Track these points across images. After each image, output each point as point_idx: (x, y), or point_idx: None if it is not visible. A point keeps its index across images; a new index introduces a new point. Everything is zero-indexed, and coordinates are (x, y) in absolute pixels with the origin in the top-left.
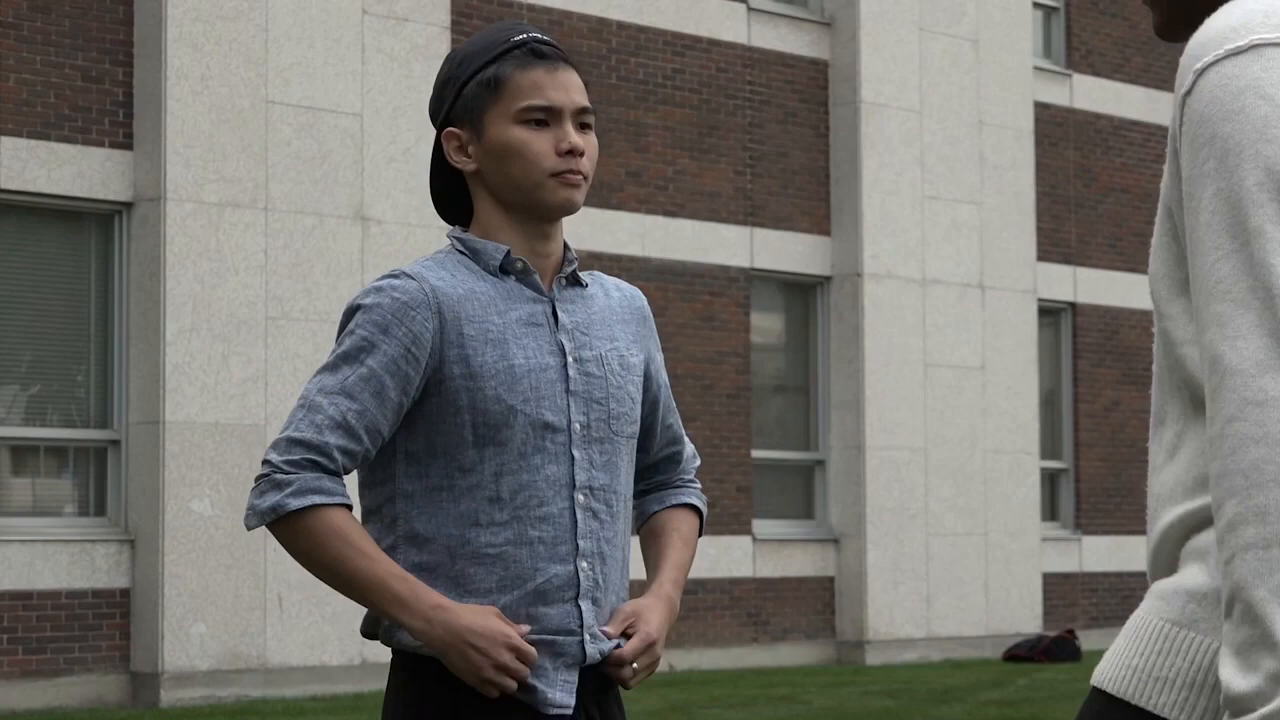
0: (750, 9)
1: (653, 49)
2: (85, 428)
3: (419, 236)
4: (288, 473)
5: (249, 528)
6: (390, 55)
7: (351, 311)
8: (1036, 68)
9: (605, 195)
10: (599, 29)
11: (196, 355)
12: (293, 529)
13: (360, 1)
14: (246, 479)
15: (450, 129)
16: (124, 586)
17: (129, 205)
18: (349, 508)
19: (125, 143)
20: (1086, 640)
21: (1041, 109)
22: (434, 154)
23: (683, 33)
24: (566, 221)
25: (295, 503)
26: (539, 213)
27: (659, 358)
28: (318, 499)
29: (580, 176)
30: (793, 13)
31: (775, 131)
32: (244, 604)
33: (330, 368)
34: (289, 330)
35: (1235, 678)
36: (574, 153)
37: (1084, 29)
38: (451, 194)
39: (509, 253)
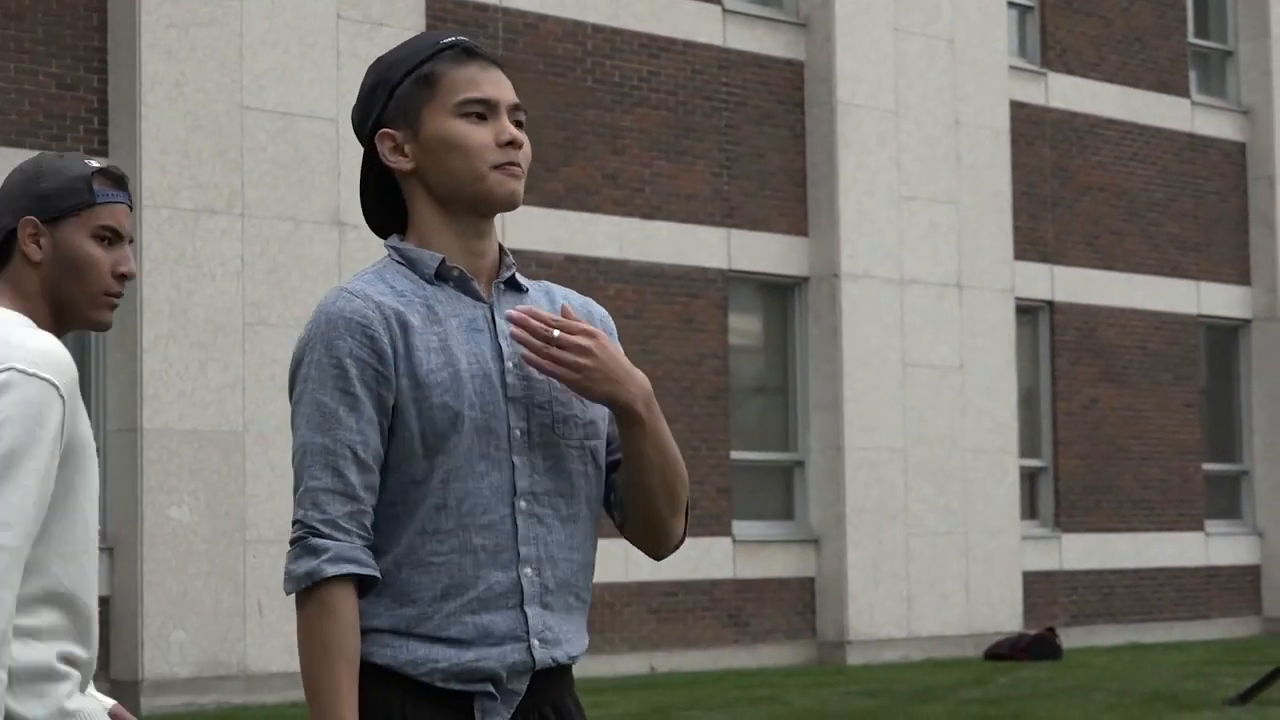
0: (725, 10)
1: (628, 51)
2: None
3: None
4: (325, 535)
5: (287, 593)
6: (365, 60)
7: (307, 343)
8: (1012, 67)
9: (582, 198)
10: (574, 32)
11: (174, 362)
12: (319, 601)
13: (335, 6)
14: (224, 485)
15: (384, 130)
16: (103, 594)
17: None
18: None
19: (100, 150)
20: (1067, 638)
21: (1017, 108)
22: (364, 165)
23: (658, 35)
24: (543, 224)
25: (331, 569)
26: (480, 207)
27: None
28: (352, 568)
29: (519, 168)
30: (768, 14)
31: (751, 133)
32: (224, 610)
33: (312, 404)
34: (266, 336)
35: None
36: (514, 144)
37: (1059, 28)
38: (387, 203)
39: (444, 260)
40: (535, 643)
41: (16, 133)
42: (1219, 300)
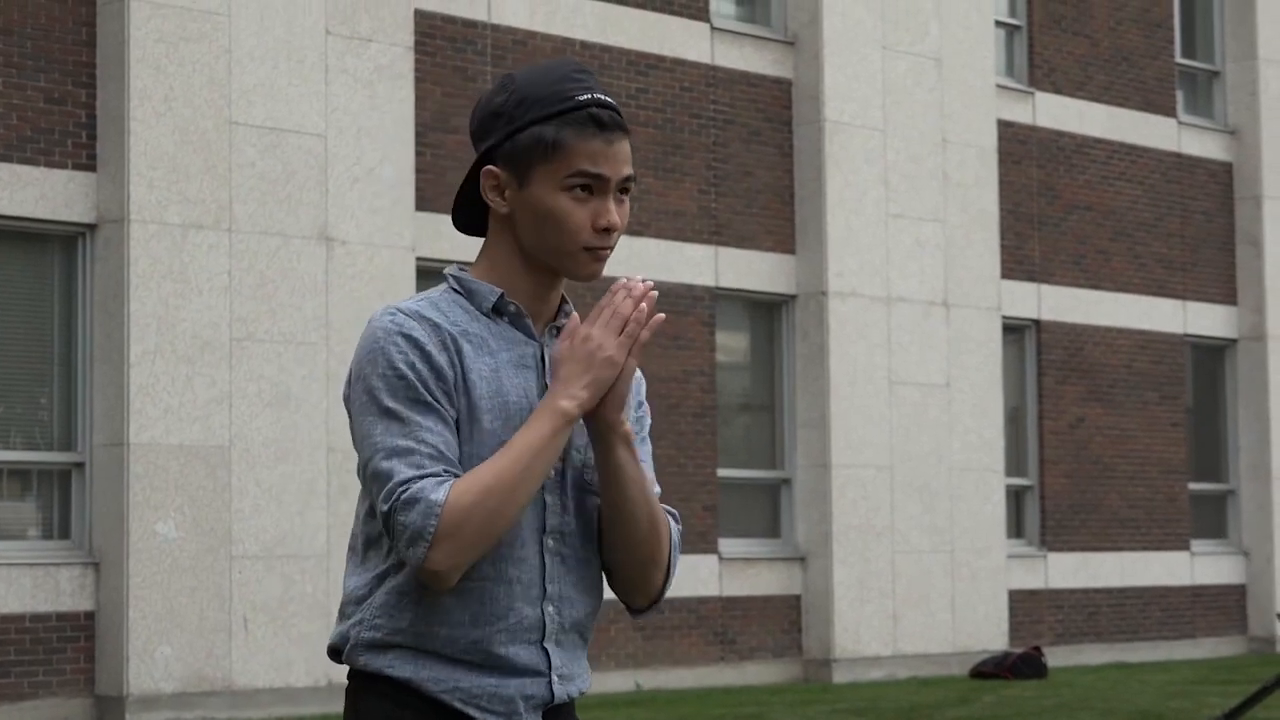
0: (714, 28)
1: (616, 69)
2: (49, 450)
3: (383, 257)
4: (412, 481)
5: (419, 562)
6: (354, 76)
7: (366, 358)
8: (999, 86)
9: None
10: (563, 49)
11: (161, 377)
12: (454, 520)
13: (323, 22)
14: (211, 501)
15: (491, 168)
16: (88, 609)
17: (92, 227)
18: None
19: (89, 164)
20: (1053, 657)
21: (1004, 127)
22: (469, 174)
23: (646, 52)
24: None
25: (439, 495)
26: (559, 276)
27: (645, 421)
28: (447, 480)
29: (609, 252)
30: (756, 32)
31: (739, 150)
32: (209, 626)
33: (383, 413)
34: (253, 351)
35: None
36: (610, 229)
37: (1046, 47)
38: (474, 215)
39: (503, 295)
40: (555, 679)
41: (4, 147)
42: (1205, 320)
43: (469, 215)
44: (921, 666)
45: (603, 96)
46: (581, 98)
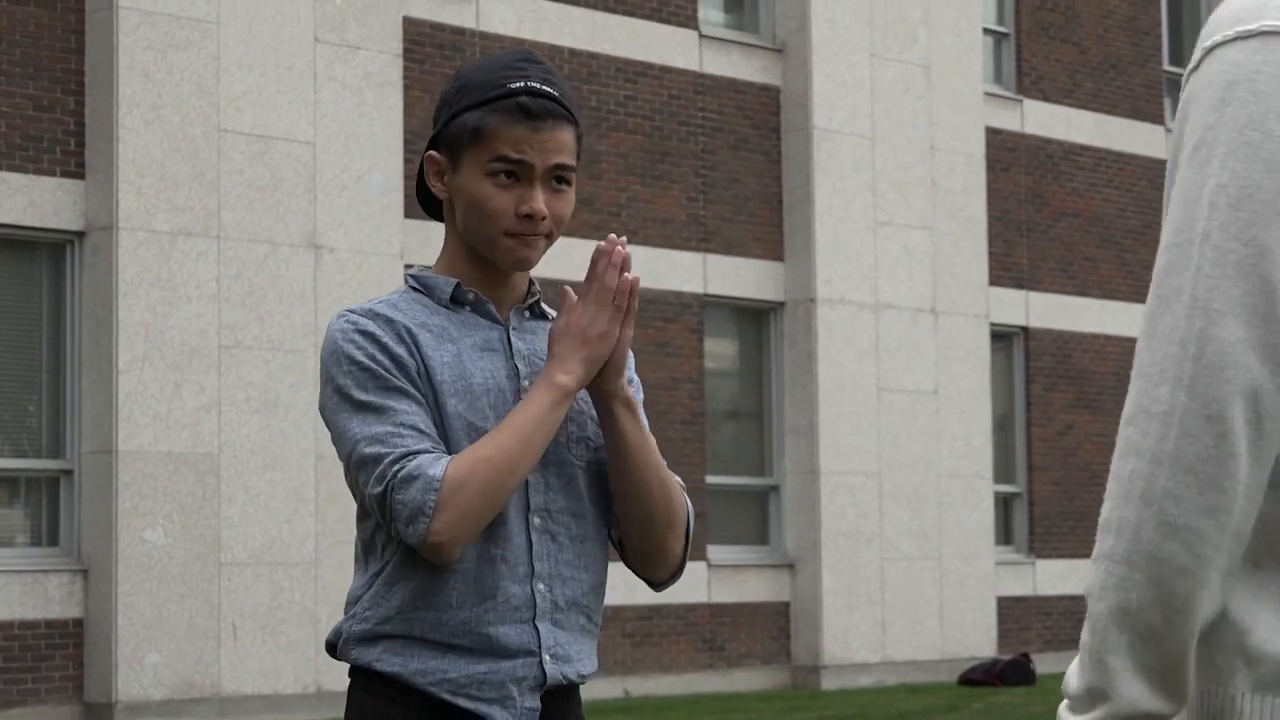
0: (702, 35)
1: (604, 76)
2: (37, 457)
3: (372, 264)
4: (406, 457)
5: (416, 537)
6: (342, 83)
7: (328, 360)
8: (987, 93)
9: None
10: (551, 56)
11: (149, 384)
12: (453, 491)
13: (312, 29)
14: (199, 508)
15: (432, 153)
16: (77, 617)
17: (81, 234)
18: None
19: (77, 172)
20: (1041, 664)
21: (992, 134)
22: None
23: (634, 59)
24: None
25: (437, 470)
26: (491, 264)
27: (637, 395)
28: (443, 456)
29: (538, 237)
30: (744, 39)
31: (728, 158)
32: (198, 633)
33: (357, 405)
34: (242, 359)
35: (1070, 677)
36: (533, 217)
37: (1034, 54)
38: (439, 204)
39: (459, 285)
40: (547, 658)
41: None
42: None
43: (434, 208)
44: (910, 673)
45: (538, 85)
46: (513, 85)
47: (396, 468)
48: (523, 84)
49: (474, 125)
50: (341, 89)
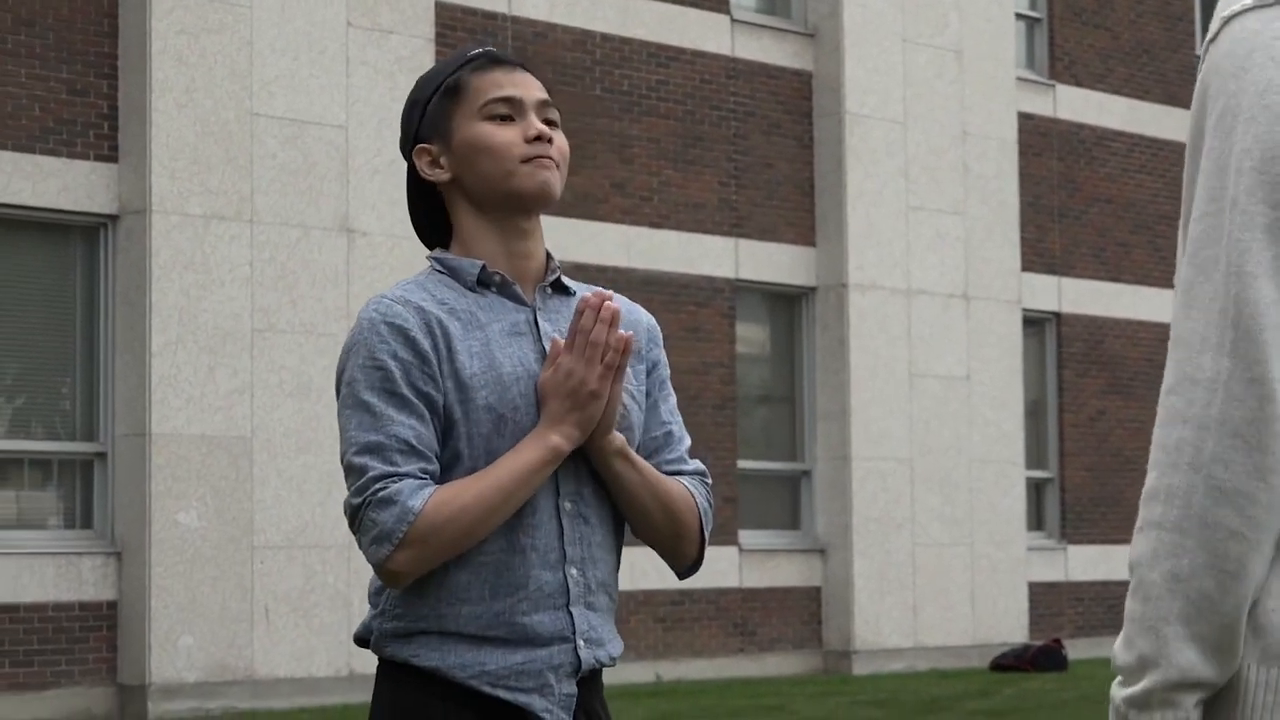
0: (734, 20)
1: (636, 61)
2: (71, 440)
3: (404, 248)
4: (388, 479)
5: (380, 563)
6: (375, 67)
7: (349, 350)
8: (1020, 78)
9: (590, 207)
10: (583, 40)
11: (182, 367)
12: (425, 531)
13: (344, 14)
14: (233, 491)
15: (420, 146)
16: (111, 599)
17: (114, 218)
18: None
19: (110, 155)
20: (1073, 649)
21: (1025, 119)
22: (409, 183)
23: (666, 44)
24: (552, 233)
25: (416, 502)
26: (516, 204)
27: (663, 372)
28: (428, 486)
29: (552, 161)
30: (776, 24)
31: (759, 142)
32: (231, 616)
33: (359, 406)
34: (275, 342)
35: (1119, 650)
36: (541, 138)
37: (1067, 39)
38: (434, 219)
39: (485, 266)
40: (581, 643)
41: (27, 138)
42: None
43: (432, 228)
44: (941, 659)
45: (494, 50)
46: (473, 52)
47: (379, 486)
48: (480, 49)
49: (453, 85)
50: (374, 73)
